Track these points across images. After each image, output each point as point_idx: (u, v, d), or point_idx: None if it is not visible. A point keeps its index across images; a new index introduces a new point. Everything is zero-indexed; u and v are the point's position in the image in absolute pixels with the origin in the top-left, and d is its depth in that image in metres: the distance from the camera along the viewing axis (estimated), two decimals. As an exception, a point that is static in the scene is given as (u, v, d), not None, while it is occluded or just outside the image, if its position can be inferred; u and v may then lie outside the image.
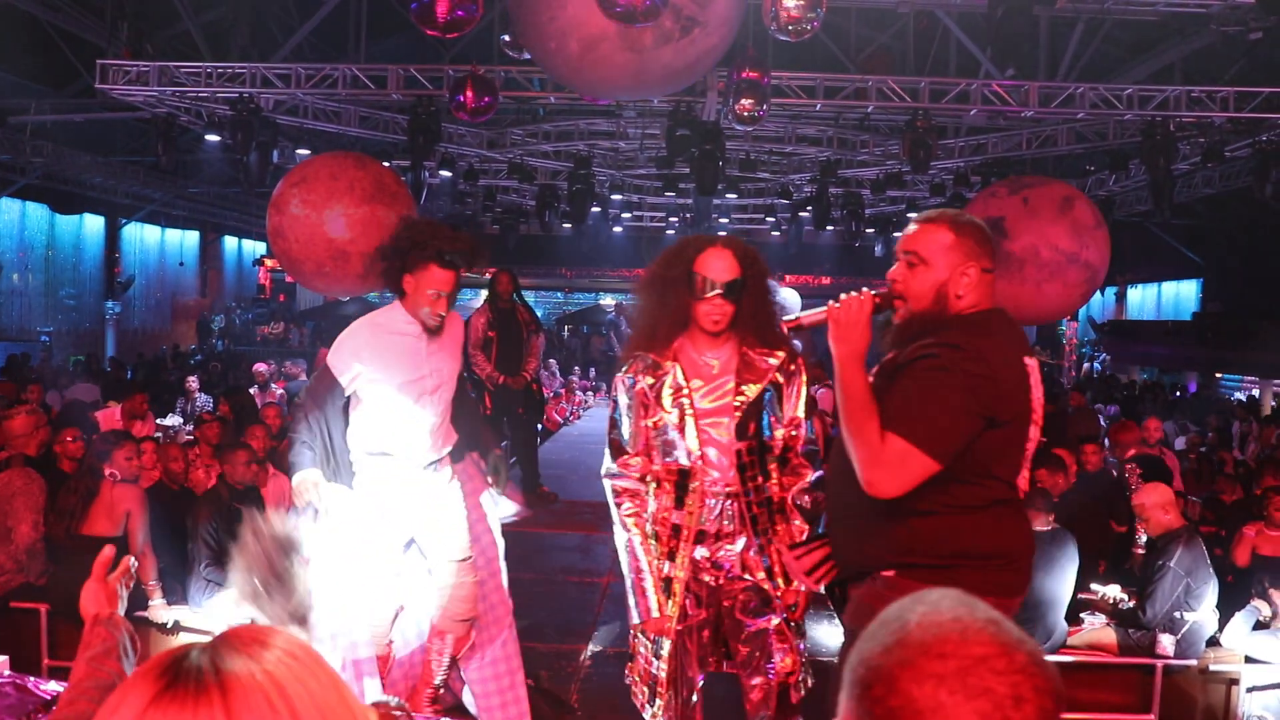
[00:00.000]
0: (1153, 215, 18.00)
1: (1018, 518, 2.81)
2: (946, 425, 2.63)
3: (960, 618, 1.04)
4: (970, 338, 2.71)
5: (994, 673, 0.99)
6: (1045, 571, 5.80)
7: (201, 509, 5.99)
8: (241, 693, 1.01)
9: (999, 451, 2.71)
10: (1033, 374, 2.76)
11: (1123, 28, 13.60)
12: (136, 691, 1.02)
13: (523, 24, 9.03)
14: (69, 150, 17.31)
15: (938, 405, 2.64)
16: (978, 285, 2.79)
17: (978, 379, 2.63)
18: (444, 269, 4.12)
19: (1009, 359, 2.72)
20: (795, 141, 17.85)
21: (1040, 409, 2.79)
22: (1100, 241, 11.80)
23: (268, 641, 1.07)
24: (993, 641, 1.02)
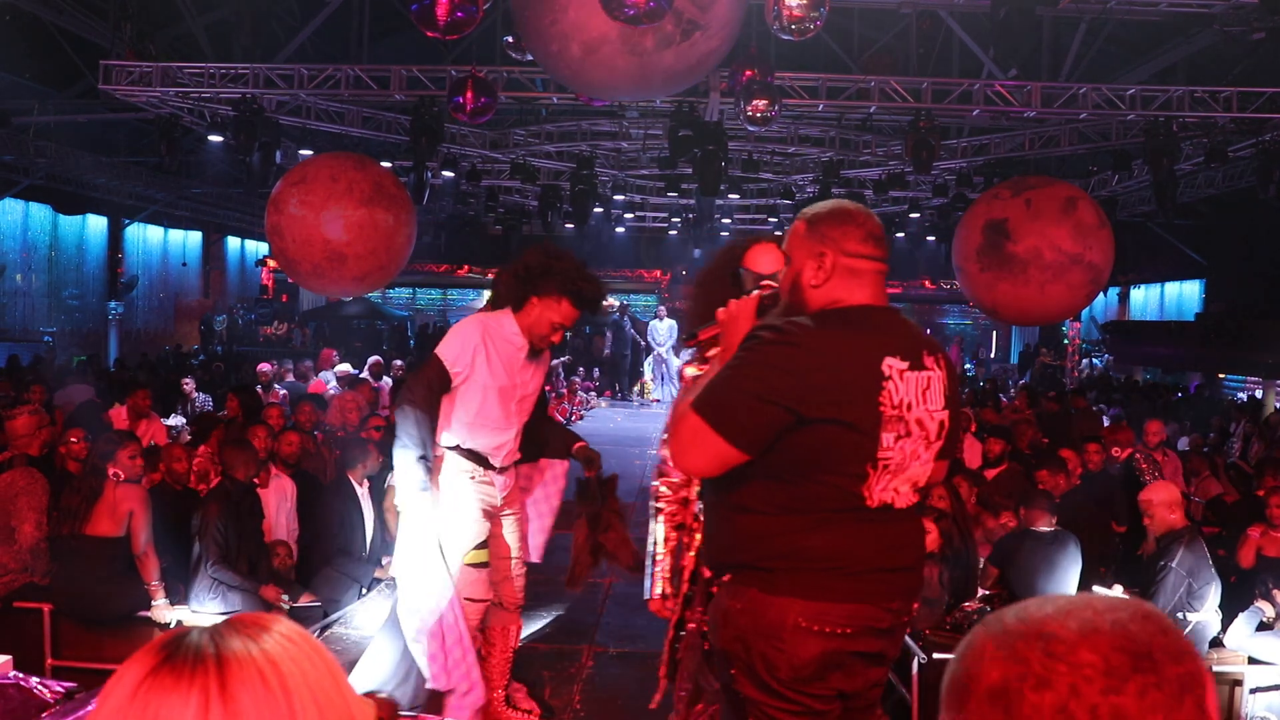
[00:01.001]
0: (1156, 216, 18.05)
1: (854, 525, 2.60)
2: (738, 407, 2.53)
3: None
4: (797, 325, 2.61)
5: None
6: (1047, 573, 5.81)
7: (211, 506, 5.98)
8: (237, 668, 1.02)
9: (825, 453, 2.55)
10: (902, 378, 2.58)
11: (1125, 28, 13.60)
12: (135, 666, 1.04)
13: (525, 27, 9.05)
14: (72, 151, 17.32)
15: (733, 387, 2.57)
16: (834, 271, 2.65)
17: (777, 369, 2.53)
18: (575, 308, 4.43)
19: (844, 356, 2.56)
20: (798, 142, 17.86)
21: (924, 415, 2.62)
22: (1104, 242, 11.80)
23: (268, 626, 1.09)
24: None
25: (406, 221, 11.72)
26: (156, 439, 8.74)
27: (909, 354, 2.61)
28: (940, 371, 2.68)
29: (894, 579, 2.67)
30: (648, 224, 25.94)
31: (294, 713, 1.04)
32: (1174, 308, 25.61)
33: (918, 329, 2.73)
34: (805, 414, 2.50)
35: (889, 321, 2.68)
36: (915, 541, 2.77)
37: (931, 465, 2.69)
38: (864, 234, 2.67)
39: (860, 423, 2.53)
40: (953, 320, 32.48)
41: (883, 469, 2.58)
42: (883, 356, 2.56)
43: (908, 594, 2.74)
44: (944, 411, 2.67)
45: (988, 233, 11.91)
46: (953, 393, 2.71)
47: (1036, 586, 5.80)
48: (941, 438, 2.67)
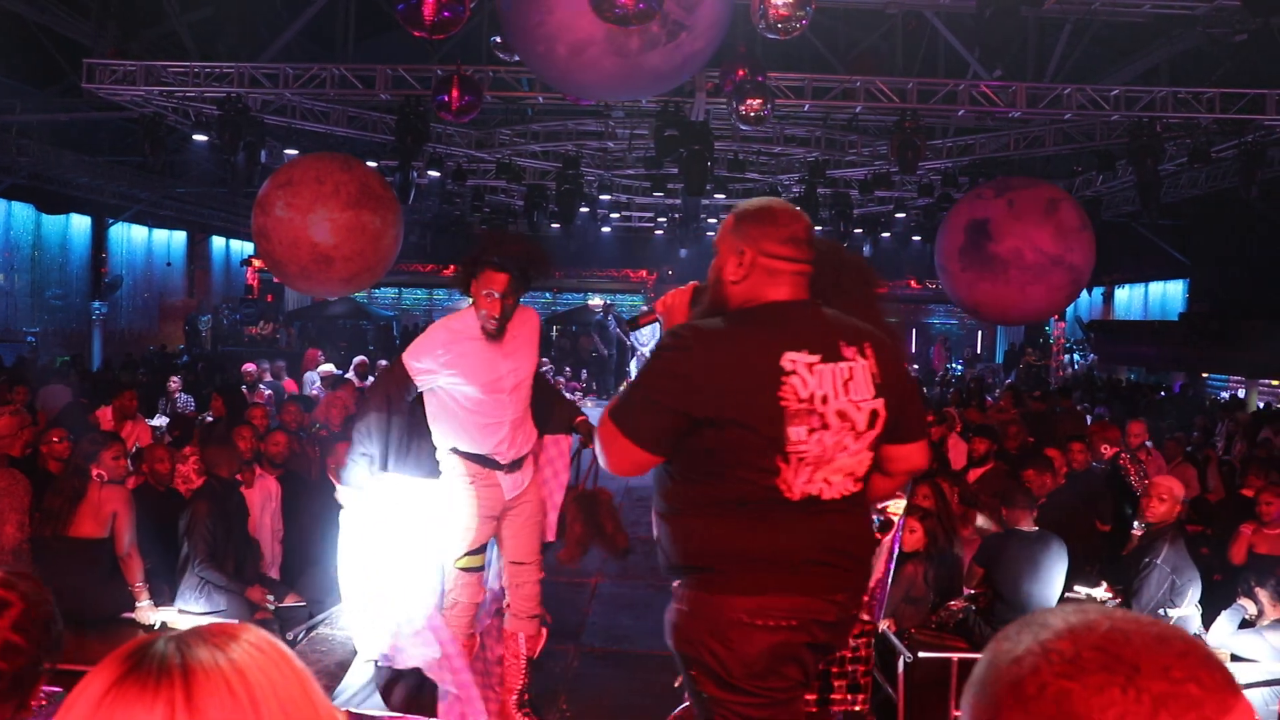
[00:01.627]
0: (1140, 216, 18.12)
1: (781, 519, 2.62)
2: (637, 412, 2.63)
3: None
4: (694, 329, 2.70)
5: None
6: (1031, 574, 5.82)
7: (199, 505, 5.96)
8: (203, 677, 1.01)
9: (727, 451, 2.58)
10: (811, 371, 2.60)
11: (1110, 29, 13.64)
12: (99, 676, 1.03)
13: (511, 27, 9.04)
14: (55, 150, 17.23)
15: (633, 392, 2.68)
16: (753, 269, 2.71)
17: (666, 374, 2.62)
18: (496, 271, 4.33)
19: (736, 356, 2.61)
20: (783, 142, 17.88)
21: (847, 406, 2.63)
22: (1085, 244, 11.86)
23: (236, 635, 1.08)
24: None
25: (393, 223, 11.71)
26: (142, 441, 8.70)
27: (819, 347, 2.62)
28: (866, 361, 2.68)
29: (835, 571, 2.69)
30: (634, 224, 25.94)
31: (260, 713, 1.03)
32: (1158, 307, 25.73)
33: (841, 321, 2.76)
34: (695, 415, 2.55)
35: (801, 316, 2.70)
36: (857, 533, 2.77)
37: (868, 454, 2.70)
38: (785, 236, 2.71)
39: (755, 419, 2.56)
40: (938, 320, 32.57)
41: (798, 462, 2.59)
42: (782, 353, 2.59)
43: (853, 586, 2.76)
44: (875, 400, 2.67)
45: (970, 233, 11.95)
46: (888, 380, 2.71)
47: (1022, 586, 5.82)
48: (876, 426, 2.68)
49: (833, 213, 19.72)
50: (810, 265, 2.76)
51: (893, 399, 2.71)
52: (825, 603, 2.66)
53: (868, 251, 23.81)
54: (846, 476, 2.67)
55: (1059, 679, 0.90)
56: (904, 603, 6.13)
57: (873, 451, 2.70)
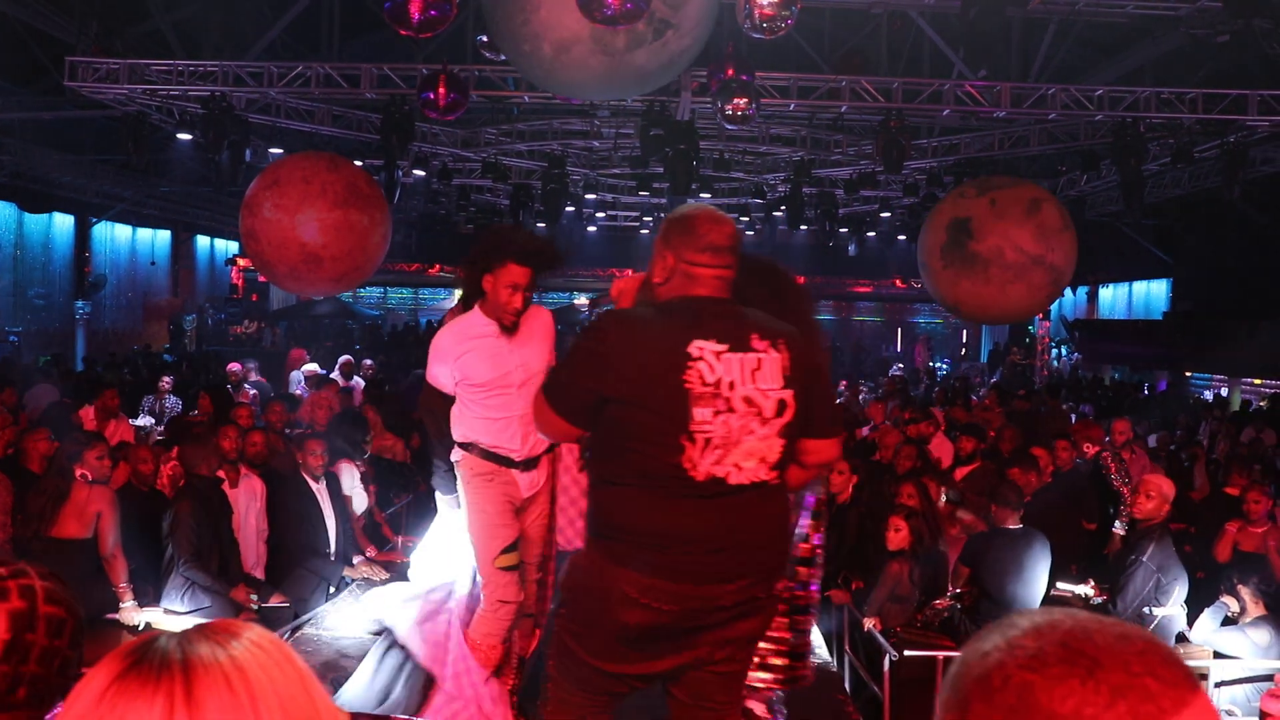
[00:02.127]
0: (1123, 215, 18.19)
1: (684, 501, 2.77)
2: (563, 385, 2.93)
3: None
4: (614, 315, 3.02)
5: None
6: (1015, 571, 5.85)
7: (182, 504, 5.93)
8: (203, 673, 1.03)
9: (634, 426, 2.77)
10: (719, 359, 2.77)
11: (1094, 29, 13.70)
12: (101, 672, 1.04)
13: (497, 26, 9.03)
14: (38, 148, 17.13)
15: (562, 370, 3.03)
16: (674, 274, 2.92)
17: (584, 353, 2.89)
18: (521, 264, 4.31)
19: (645, 341, 2.82)
20: (769, 141, 17.90)
21: (754, 393, 2.79)
22: (1066, 245, 11.89)
23: (237, 632, 1.09)
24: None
25: (381, 221, 11.69)
26: (124, 439, 8.67)
27: (728, 337, 2.81)
28: (777, 354, 2.85)
29: (733, 556, 2.80)
30: (619, 223, 25.95)
31: (259, 718, 1.04)
32: (1141, 306, 25.83)
33: (758, 318, 2.93)
34: (606, 393, 2.78)
35: (716, 311, 2.88)
36: (765, 516, 2.88)
37: (778, 441, 2.84)
38: (703, 244, 2.90)
39: (660, 400, 2.75)
40: (923, 319, 32.64)
41: (704, 442, 2.74)
42: (690, 340, 2.77)
43: (761, 569, 2.87)
44: (784, 391, 2.83)
45: (951, 231, 11.99)
46: (798, 374, 2.87)
47: (1007, 584, 5.84)
48: (785, 415, 2.83)
49: (818, 212, 19.77)
50: (730, 270, 2.94)
51: (802, 392, 2.87)
52: (719, 589, 2.78)
53: (853, 251, 23.86)
54: (759, 462, 2.81)
55: (1021, 671, 0.93)
56: (890, 601, 6.15)
57: (784, 439, 2.84)
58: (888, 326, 33.23)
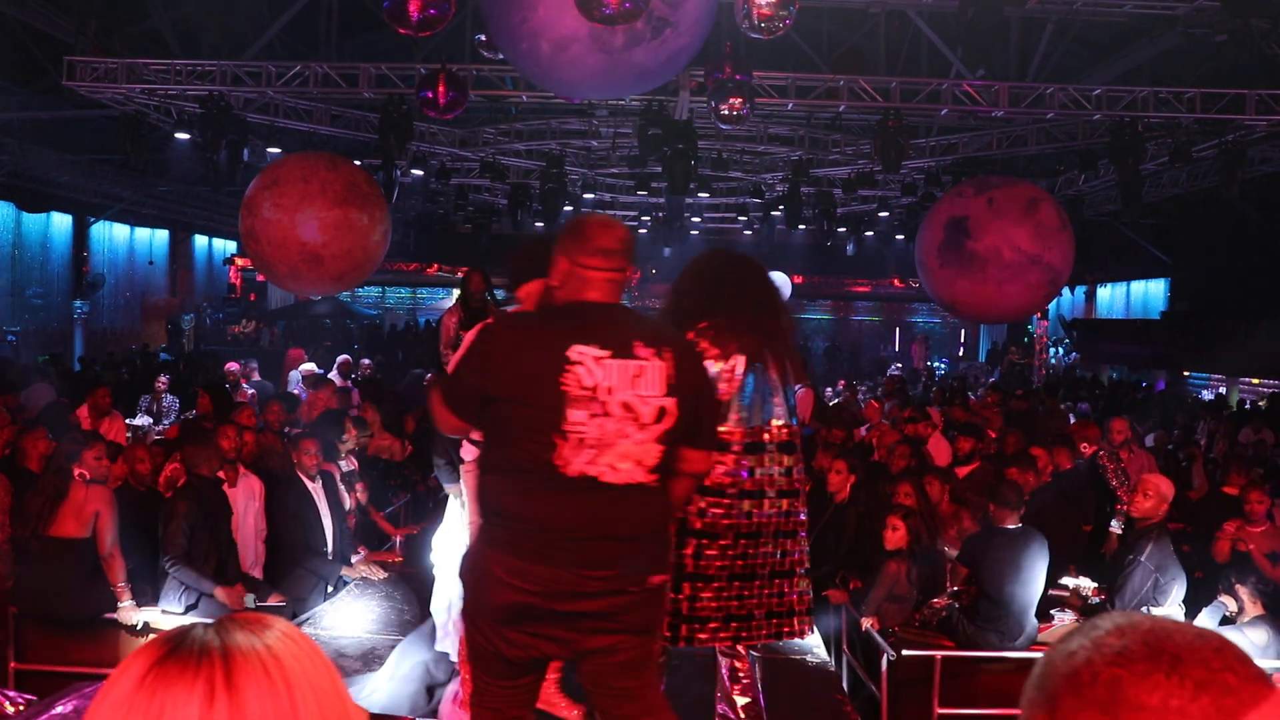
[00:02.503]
0: (1121, 215, 18.18)
1: (554, 493, 2.93)
2: (453, 384, 3.15)
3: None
4: (507, 317, 3.34)
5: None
6: (1013, 569, 5.84)
7: (179, 504, 5.92)
8: (242, 661, 1.05)
9: (514, 423, 2.97)
10: (598, 364, 2.93)
11: (1091, 29, 13.70)
12: (140, 658, 1.06)
13: (495, 24, 9.02)
14: (36, 148, 17.12)
15: (457, 367, 3.29)
16: (569, 277, 3.09)
17: (474, 353, 3.13)
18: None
19: (528, 344, 3.02)
20: (767, 141, 17.89)
21: (632, 399, 2.95)
22: (1064, 244, 11.89)
23: (269, 623, 1.12)
24: None
25: (381, 220, 11.70)
26: (117, 437, 8.67)
27: (610, 344, 2.96)
28: (660, 362, 3.00)
29: (599, 548, 2.96)
30: (618, 223, 25.90)
31: (295, 706, 1.06)
32: (1139, 306, 25.84)
33: (644, 324, 3.14)
34: (489, 390, 2.98)
35: (601, 316, 3.06)
36: (635, 515, 3.02)
37: (656, 446, 2.99)
38: (594, 248, 3.08)
39: (538, 399, 2.93)
40: (921, 319, 32.64)
41: (577, 442, 2.91)
42: (571, 345, 2.94)
43: (629, 563, 2.99)
44: (666, 399, 2.99)
45: (949, 230, 11.99)
46: (683, 383, 3.03)
47: (1005, 583, 5.83)
48: (665, 422, 2.99)
49: (816, 211, 19.76)
50: (621, 272, 3.11)
51: (686, 401, 3.03)
52: (584, 576, 2.93)
53: (851, 250, 23.84)
54: (635, 465, 2.97)
55: (1110, 667, 0.98)
56: (888, 601, 6.15)
57: (663, 445, 3.00)
58: (886, 326, 33.23)
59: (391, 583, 6.64)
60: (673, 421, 3.00)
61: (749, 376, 3.94)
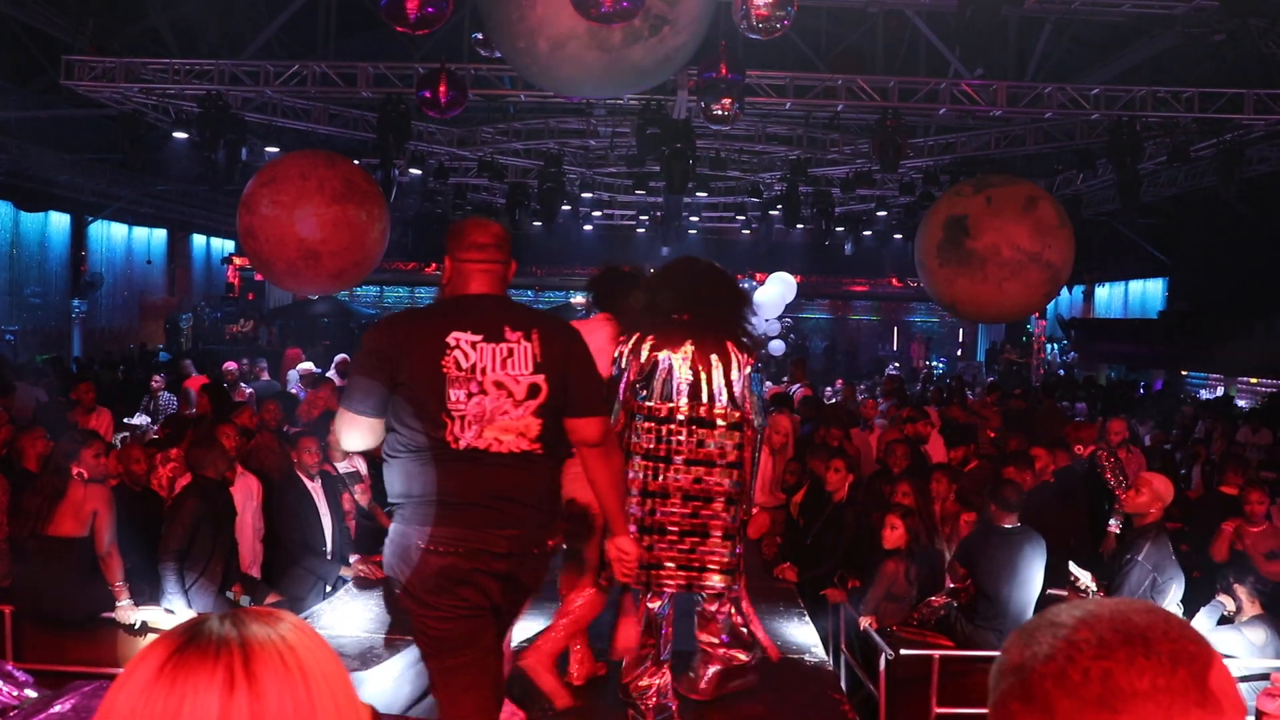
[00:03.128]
0: (1120, 214, 18.18)
1: (449, 465, 3.25)
2: (356, 388, 3.31)
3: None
4: (394, 314, 3.58)
5: None
6: (1010, 569, 5.83)
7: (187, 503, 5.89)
8: (260, 650, 1.06)
9: (409, 406, 3.25)
10: (474, 348, 3.27)
11: (1090, 28, 13.71)
12: (156, 650, 1.06)
13: (492, 22, 9.00)
14: (34, 147, 17.10)
15: (353, 371, 3.44)
16: (453, 272, 3.45)
17: (367, 349, 3.35)
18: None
19: (412, 333, 3.33)
20: (765, 140, 17.91)
21: (504, 378, 3.28)
22: (1063, 242, 11.85)
23: (280, 616, 1.13)
24: None
25: (380, 217, 11.65)
26: (104, 432, 8.67)
27: (483, 329, 3.30)
28: (529, 344, 3.34)
29: (499, 510, 3.28)
30: (616, 222, 25.92)
31: (312, 696, 1.07)
32: (1138, 305, 25.84)
33: (515, 310, 3.47)
34: (385, 380, 3.26)
35: (476, 305, 3.38)
36: (525, 481, 3.35)
37: (534, 420, 3.32)
38: (469, 244, 3.43)
39: (423, 382, 3.24)
40: (919, 318, 32.61)
41: (460, 419, 3.24)
42: (449, 331, 3.27)
43: (524, 525, 3.32)
44: (535, 375, 3.33)
45: (948, 229, 11.97)
46: (550, 361, 3.36)
47: (1002, 583, 5.83)
48: (538, 397, 3.33)
49: (814, 211, 19.75)
50: (496, 264, 3.44)
51: (554, 377, 3.35)
52: (493, 536, 3.25)
53: (849, 249, 23.83)
54: (518, 436, 3.31)
55: (1097, 661, 1.00)
56: (886, 600, 6.14)
57: (541, 418, 3.33)
58: (883, 325, 33.19)
59: (390, 582, 6.60)
60: (545, 396, 3.32)
61: (684, 366, 4.50)
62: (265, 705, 1.04)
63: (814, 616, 6.47)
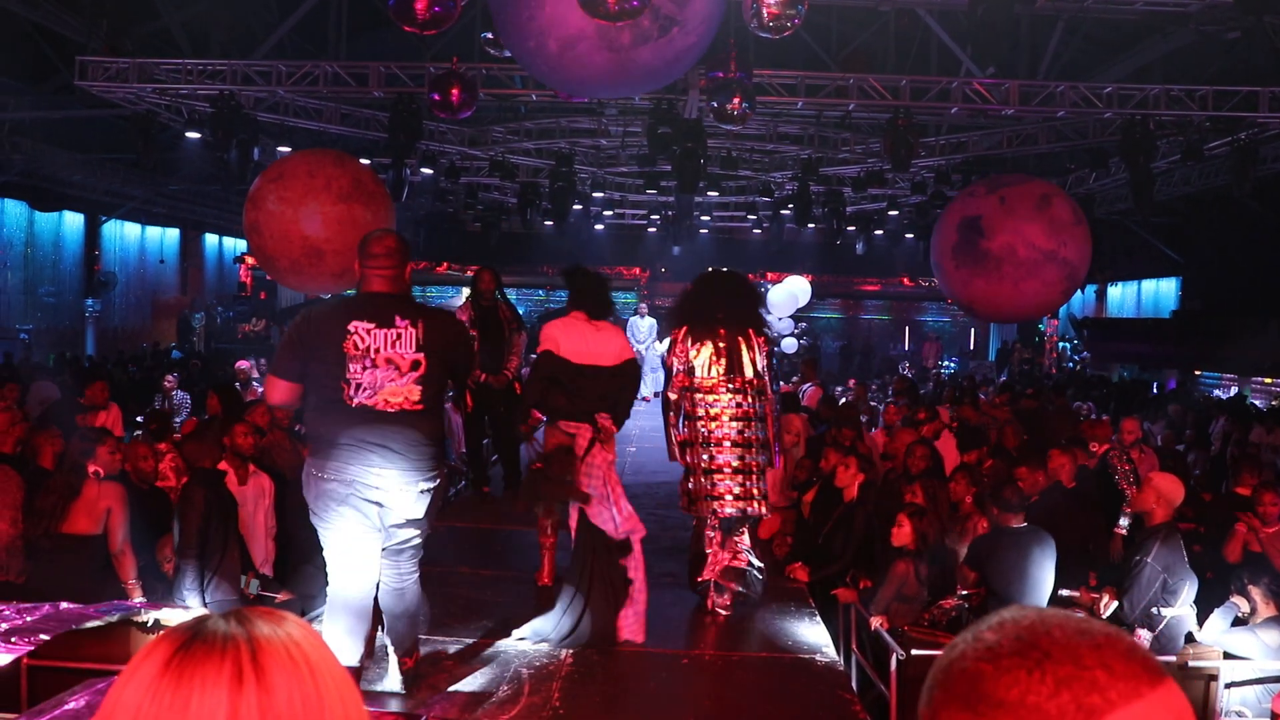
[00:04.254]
0: (1133, 213, 18.10)
1: (343, 416, 4.47)
2: (281, 360, 4.59)
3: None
4: (305, 311, 4.89)
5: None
6: (1020, 570, 5.80)
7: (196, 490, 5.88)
8: (267, 646, 1.05)
9: (317, 378, 4.52)
10: (369, 333, 4.46)
11: (1103, 27, 13.65)
12: (160, 647, 1.05)
13: (502, 22, 9.00)
14: (48, 147, 17.17)
15: (281, 347, 4.70)
16: (359, 276, 4.65)
17: (289, 336, 4.64)
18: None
19: (323, 321, 4.56)
20: (777, 139, 17.87)
21: (393, 355, 4.50)
22: (1079, 238, 11.81)
23: (285, 615, 1.12)
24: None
25: (386, 218, 11.66)
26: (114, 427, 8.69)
27: (376, 318, 4.50)
28: (414, 330, 4.53)
29: (380, 453, 4.47)
30: (627, 221, 25.90)
31: (321, 692, 1.07)
32: (1150, 305, 25.73)
33: (407, 303, 4.66)
34: (302, 358, 4.53)
35: (374, 300, 4.57)
36: (403, 432, 4.51)
37: (417, 387, 4.51)
38: (368, 253, 4.61)
39: (329, 358, 4.47)
40: (931, 318, 32.51)
41: (356, 386, 4.46)
42: (350, 320, 4.49)
43: (403, 467, 4.50)
44: (418, 354, 4.53)
45: (962, 230, 11.94)
46: (430, 344, 4.55)
47: (1012, 583, 5.80)
48: (419, 370, 4.53)
49: (826, 210, 19.70)
50: (390, 269, 4.60)
51: (433, 355, 4.56)
52: (369, 471, 4.46)
53: (860, 249, 23.77)
54: (404, 399, 4.50)
55: (978, 662, 0.98)
56: (897, 600, 6.12)
57: (422, 385, 4.53)
58: (895, 325, 33.10)
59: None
60: (424, 369, 4.53)
61: (719, 351, 6.46)
62: (275, 700, 1.03)
63: (825, 616, 6.46)
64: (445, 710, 4.79)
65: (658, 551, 7.51)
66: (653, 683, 5.26)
